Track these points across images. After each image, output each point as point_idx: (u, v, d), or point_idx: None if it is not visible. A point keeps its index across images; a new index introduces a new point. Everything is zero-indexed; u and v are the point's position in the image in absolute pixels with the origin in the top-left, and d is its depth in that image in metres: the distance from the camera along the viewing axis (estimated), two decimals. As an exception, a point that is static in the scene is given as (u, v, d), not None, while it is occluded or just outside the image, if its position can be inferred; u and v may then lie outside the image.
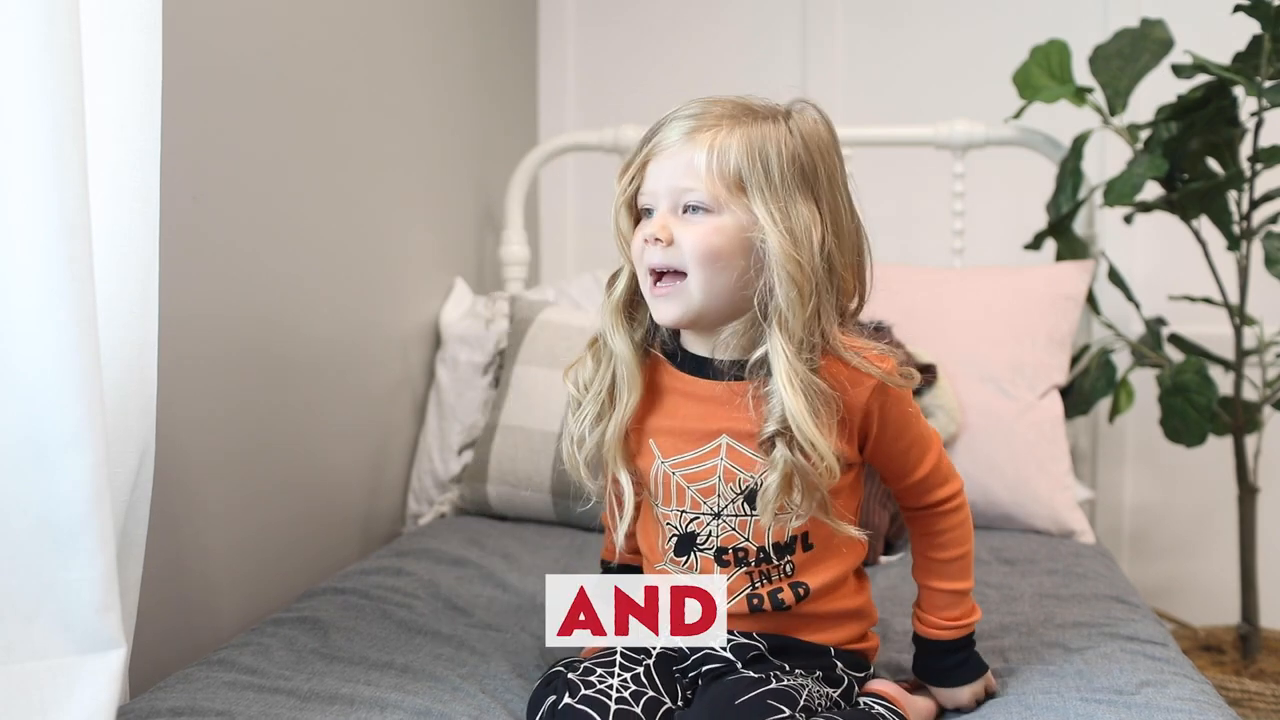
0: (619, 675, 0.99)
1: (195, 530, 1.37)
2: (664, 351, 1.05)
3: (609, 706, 0.95)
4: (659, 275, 0.99)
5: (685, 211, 0.97)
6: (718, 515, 1.01)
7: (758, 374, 0.98)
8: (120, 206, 0.96)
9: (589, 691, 0.96)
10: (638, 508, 1.06)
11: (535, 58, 2.54)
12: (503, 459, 1.73)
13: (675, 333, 1.05)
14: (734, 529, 1.01)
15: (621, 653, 1.02)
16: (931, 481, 1.06)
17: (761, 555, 1.01)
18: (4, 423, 0.86)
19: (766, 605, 1.02)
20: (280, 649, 1.15)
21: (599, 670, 0.99)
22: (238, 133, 1.43)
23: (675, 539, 1.03)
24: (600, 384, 1.04)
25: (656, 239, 0.97)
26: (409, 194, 1.92)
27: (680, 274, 0.98)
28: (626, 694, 0.97)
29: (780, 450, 0.96)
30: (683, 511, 1.03)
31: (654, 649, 1.04)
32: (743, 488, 1.00)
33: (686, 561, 1.03)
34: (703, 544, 1.02)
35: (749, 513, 1.00)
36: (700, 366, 1.03)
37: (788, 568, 1.02)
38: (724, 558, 1.02)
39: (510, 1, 2.41)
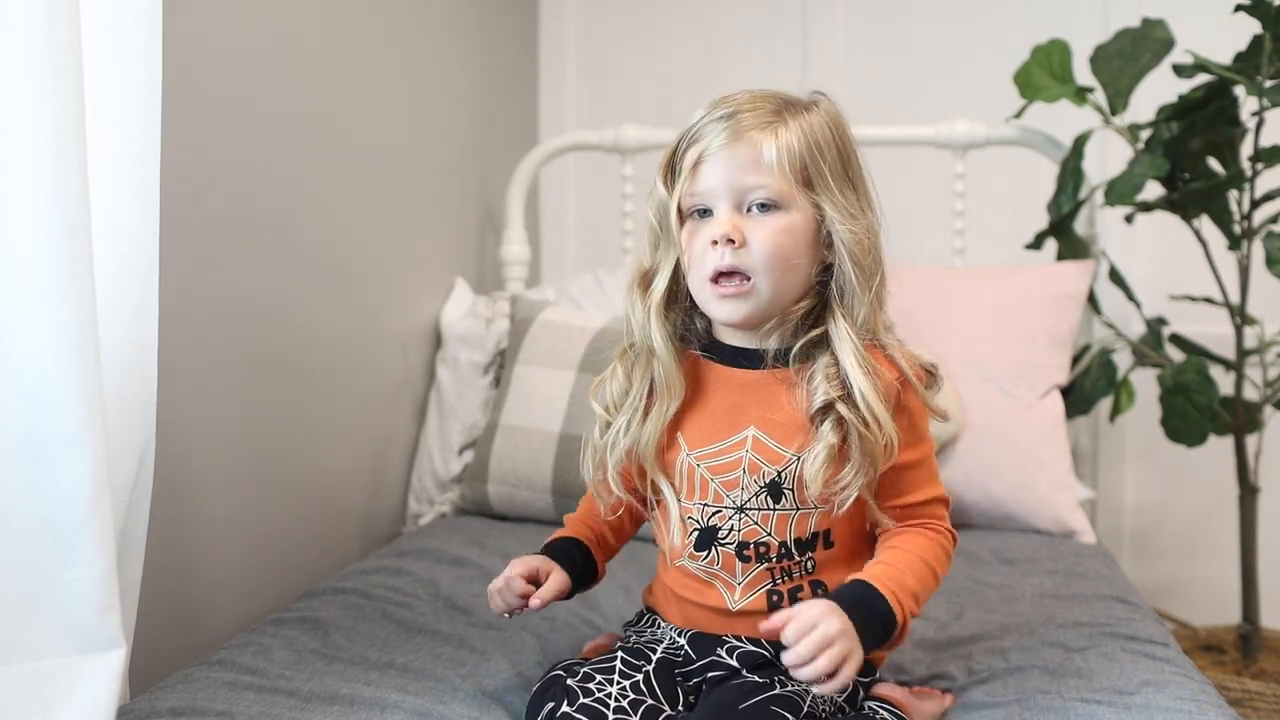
0: (618, 683, 0.98)
1: (195, 530, 1.37)
2: (698, 345, 1.05)
3: (607, 716, 0.94)
4: (720, 274, 0.98)
5: (749, 211, 0.97)
6: (740, 509, 1.01)
7: (804, 359, 0.99)
8: (120, 206, 0.96)
9: (587, 700, 0.95)
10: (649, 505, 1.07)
11: (535, 58, 2.54)
12: (503, 459, 1.73)
13: (709, 324, 1.05)
14: (756, 523, 1.01)
15: (621, 658, 1.01)
16: (934, 509, 1.04)
17: (783, 551, 1.01)
18: (4, 423, 0.86)
19: (785, 604, 1.02)
20: (280, 649, 1.15)
21: (598, 676, 0.98)
22: (238, 132, 1.43)
23: (696, 533, 1.03)
24: (638, 391, 1.03)
25: (729, 240, 0.96)
26: (409, 194, 1.92)
27: (744, 278, 0.97)
28: (625, 702, 0.96)
29: (829, 424, 0.96)
30: (704, 505, 1.02)
31: (654, 654, 1.04)
32: (766, 480, 1.00)
33: (707, 556, 1.03)
34: (724, 538, 1.02)
35: (771, 506, 1.00)
36: (737, 355, 1.03)
37: (809, 564, 1.02)
38: (745, 552, 1.01)
39: (510, 1, 2.41)
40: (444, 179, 2.06)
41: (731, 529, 1.02)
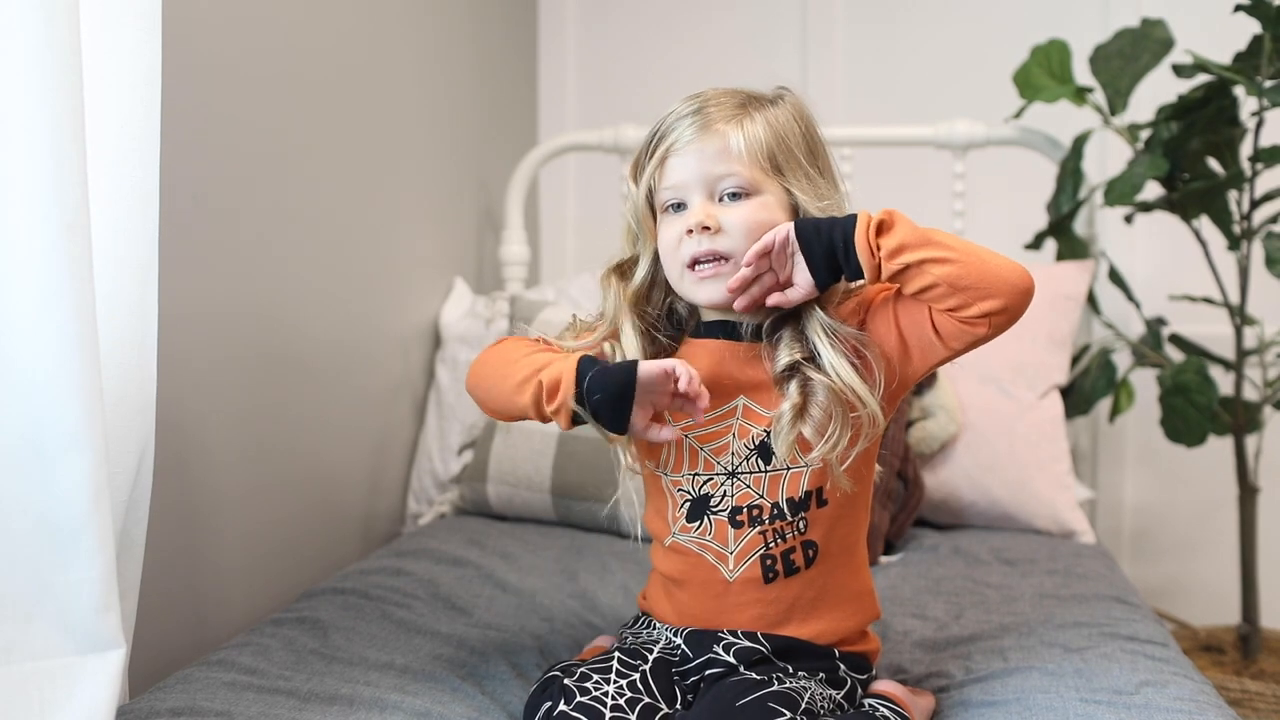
0: (615, 682, 0.98)
1: (195, 530, 1.37)
2: (690, 331, 1.08)
3: (604, 714, 0.94)
4: (697, 260, 1.00)
5: (721, 200, 1.01)
6: (732, 474, 1.03)
7: (775, 330, 1.02)
8: (120, 205, 0.96)
9: (584, 699, 0.96)
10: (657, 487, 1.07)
11: (535, 58, 2.54)
12: (502, 459, 1.73)
13: (692, 309, 1.07)
14: (748, 486, 1.03)
15: (618, 658, 1.02)
16: None
17: (776, 512, 1.02)
18: (4, 423, 0.86)
19: (779, 567, 1.03)
20: (280, 649, 1.15)
21: (595, 676, 0.98)
22: (238, 132, 1.42)
23: (688, 504, 1.04)
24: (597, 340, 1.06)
25: (705, 227, 0.99)
26: (409, 194, 1.92)
27: (722, 259, 1.00)
28: (622, 701, 0.96)
29: (794, 385, 0.99)
30: (695, 475, 1.04)
31: (651, 654, 1.04)
32: (756, 443, 1.02)
33: (700, 526, 1.04)
34: (717, 506, 1.03)
35: (763, 469, 1.02)
36: (718, 330, 1.05)
37: (801, 524, 1.03)
38: (738, 518, 1.03)
39: (510, 1, 2.41)
40: (443, 179, 2.06)
41: (724, 495, 1.03)
